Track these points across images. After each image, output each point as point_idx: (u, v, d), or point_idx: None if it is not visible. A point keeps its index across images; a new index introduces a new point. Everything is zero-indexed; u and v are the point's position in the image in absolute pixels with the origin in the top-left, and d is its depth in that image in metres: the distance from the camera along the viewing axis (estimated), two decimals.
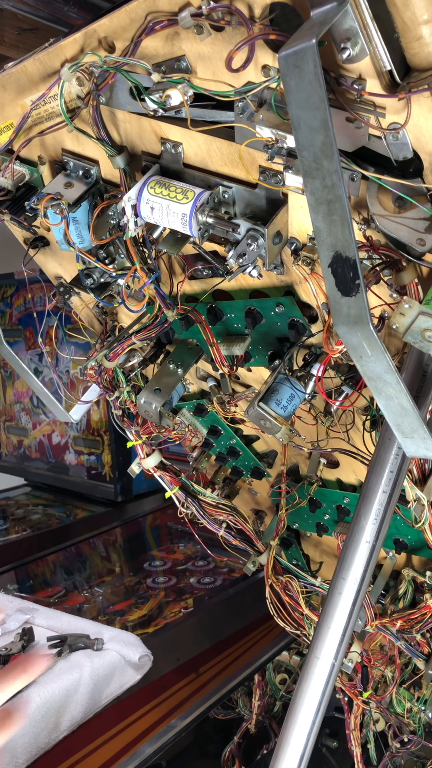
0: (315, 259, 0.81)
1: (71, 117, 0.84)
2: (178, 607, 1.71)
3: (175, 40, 0.74)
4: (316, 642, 0.83)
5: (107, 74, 0.79)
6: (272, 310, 0.92)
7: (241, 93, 0.72)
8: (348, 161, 0.70)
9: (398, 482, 0.82)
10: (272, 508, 1.26)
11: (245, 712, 1.86)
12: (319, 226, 0.62)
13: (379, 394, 0.69)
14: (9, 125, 0.94)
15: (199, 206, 0.79)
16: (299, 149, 0.60)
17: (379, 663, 1.21)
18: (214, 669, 1.57)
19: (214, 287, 0.96)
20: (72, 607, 1.73)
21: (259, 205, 0.81)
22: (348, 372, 0.91)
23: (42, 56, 0.84)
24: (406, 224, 0.71)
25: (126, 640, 1.42)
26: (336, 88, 0.66)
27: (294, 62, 0.56)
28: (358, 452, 1.00)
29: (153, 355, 1.08)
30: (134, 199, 0.83)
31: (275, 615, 1.17)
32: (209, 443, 1.19)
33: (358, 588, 0.82)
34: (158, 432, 1.14)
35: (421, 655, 1.11)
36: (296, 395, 0.92)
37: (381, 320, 0.83)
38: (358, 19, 0.60)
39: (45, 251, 1.09)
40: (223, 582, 1.84)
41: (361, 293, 0.63)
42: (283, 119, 0.71)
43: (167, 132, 0.83)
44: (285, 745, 0.83)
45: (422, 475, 0.93)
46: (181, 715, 1.44)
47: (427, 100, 0.64)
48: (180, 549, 2.12)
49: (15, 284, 2.84)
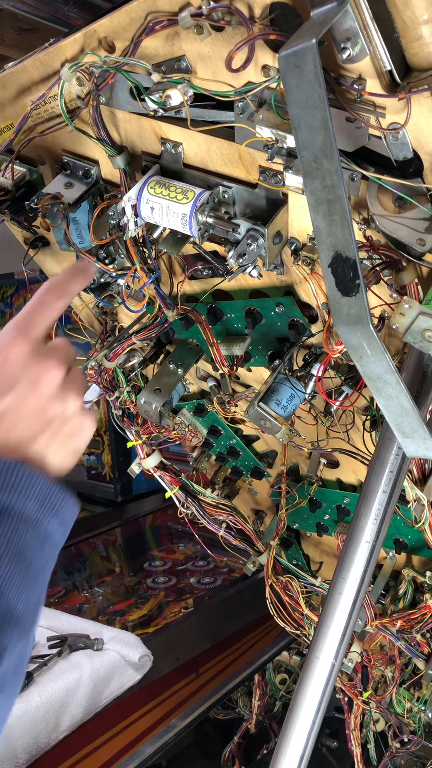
0: (315, 259, 0.81)
1: (71, 117, 0.84)
2: (178, 607, 1.71)
3: (175, 40, 0.74)
4: (316, 642, 0.83)
5: (107, 74, 0.79)
6: (272, 310, 0.92)
7: (241, 93, 0.72)
8: (348, 161, 0.70)
9: (398, 482, 0.82)
10: (272, 508, 1.26)
11: (245, 712, 1.86)
12: (319, 226, 0.62)
13: (379, 394, 0.69)
14: (9, 125, 0.94)
15: (199, 206, 0.79)
16: (299, 149, 0.60)
17: (379, 663, 1.21)
18: (214, 669, 1.57)
19: (214, 287, 0.96)
20: (72, 607, 1.73)
21: (259, 205, 0.81)
22: (348, 372, 0.91)
23: (42, 56, 0.84)
24: (406, 224, 0.71)
25: (126, 640, 1.42)
26: (336, 88, 0.66)
27: (294, 62, 0.57)
28: (358, 452, 1.00)
29: (153, 355, 1.08)
30: (134, 199, 0.83)
31: (275, 615, 1.17)
32: (209, 443, 1.19)
33: (358, 588, 0.82)
34: (158, 432, 1.14)
35: (421, 655, 1.11)
36: (296, 395, 0.92)
37: (381, 320, 0.83)
38: (358, 19, 0.60)
39: (45, 251, 1.09)
40: (223, 582, 1.84)
41: (361, 293, 0.63)
42: (283, 119, 0.71)
43: (167, 132, 0.83)
44: (285, 745, 0.83)
45: (422, 475, 0.93)
46: (181, 715, 1.44)
47: (427, 100, 0.64)
48: (180, 549, 2.12)
49: (15, 284, 2.84)
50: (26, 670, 0.74)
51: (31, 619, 0.53)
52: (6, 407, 0.56)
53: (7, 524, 0.52)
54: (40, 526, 0.54)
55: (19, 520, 0.52)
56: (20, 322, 0.59)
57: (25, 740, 1.19)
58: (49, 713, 1.23)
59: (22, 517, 0.53)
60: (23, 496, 0.53)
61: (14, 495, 0.52)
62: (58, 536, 0.56)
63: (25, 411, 0.56)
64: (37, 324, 0.59)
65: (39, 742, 1.22)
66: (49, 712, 1.24)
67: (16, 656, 0.51)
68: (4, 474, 0.52)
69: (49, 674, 1.29)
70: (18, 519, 0.52)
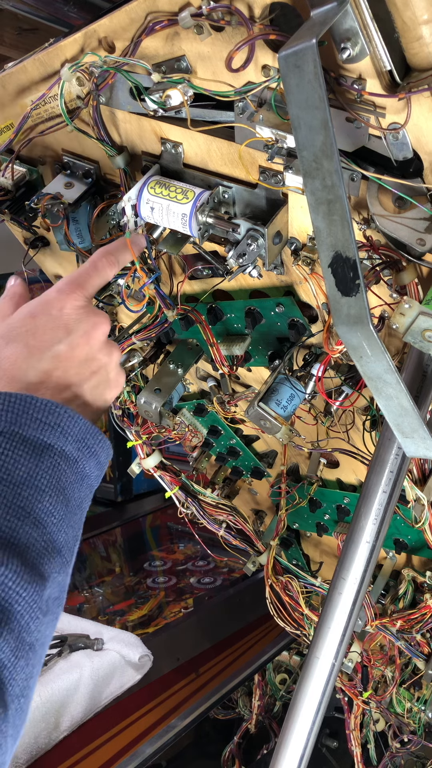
0: (315, 259, 0.81)
1: (71, 117, 0.84)
2: (178, 607, 1.72)
3: (175, 40, 0.74)
4: (316, 642, 0.83)
5: (107, 74, 0.79)
6: (272, 310, 0.92)
7: (241, 93, 0.72)
8: (348, 161, 0.70)
9: (398, 482, 0.82)
10: (272, 508, 1.26)
11: (245, 712, 1.86)
12: (319, 226, 0.62)
13: (379, 394, 0.69)
14: (9, 125, 0.94)
15: (199, 206, 0.79)
16: (299, 149, 0.60)
17: (379, 663, 1.21)
18: (214, 669, 1.58)
19: (214, 287, 0.96)
20: (72, 607, 1.73)
21: (259, 205, 0.81)
22: (348, 372, 0.91)
23: (42, 56, 0.84)
24: (406, 224, 0.71)
25: (126, 640, 1.42)
26: (336, 88, 0.66)
27: (294, 62, 0.57)
28: (358, 452, 1.00)
29: (153, 355, 1.08)
30: (134, 199, 0.83)
31: (275, 615, 1.17)
32: (209, 443, 1.19)
33: (358, 588, 0.82)
34: (158, 432, 1.14)
35: (421, 655, 1.11)
36: (296, 395, 0.92)
37: (381, 320, 0.83)
38: (358, 19, 0.60)
39: (45, 251, 1.09)
40: (223, 582, 1.85)
41: (361, 293, 0.63)
42: (283, 119, 0.71)
43: (167, 132, 0.83)
44: (285, 745, 0.83)
45: (422, 475, 0.93)
46: (181, 715, 1.44)
47: (427, 100, 0.64)
48: (180, 549, 2.12)
49: None
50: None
51: (70, 553, 0.55)
52: (60, 352, 0.60)
53: (50, 461, 0.55)
54: (79, 465, 0.57)
55: (60, 457, 0.55)
56: (75, 279, 0.65)
57: (25, 740, 1.19)
58: (49, 713, 1.23)
59: (63, 455, 0.55)
60: (64, 435, 0.56)
61: (56, 434, 0.55)
62: (94, 477, 0.59)
63: (76, 358, 0.61)
64: (90, 284, 0.65)
65: (39, 742, 1.22)
66: (49, 712, 1.24)
67: (57, 586, 0.53)
68: (47, 413, 0.55)
69: (49, 674, 1.29)
70: (59, 457, 0.55)
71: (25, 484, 0.53)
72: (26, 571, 0.50)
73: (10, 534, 0.51)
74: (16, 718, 0.49)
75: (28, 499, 0.52)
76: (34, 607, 0.50)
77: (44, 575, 0.51)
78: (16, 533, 0.51)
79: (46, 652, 0.54)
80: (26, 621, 0.50)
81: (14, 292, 0.67)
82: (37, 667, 0.51)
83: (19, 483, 0.52)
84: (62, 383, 0.60)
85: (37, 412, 0.55)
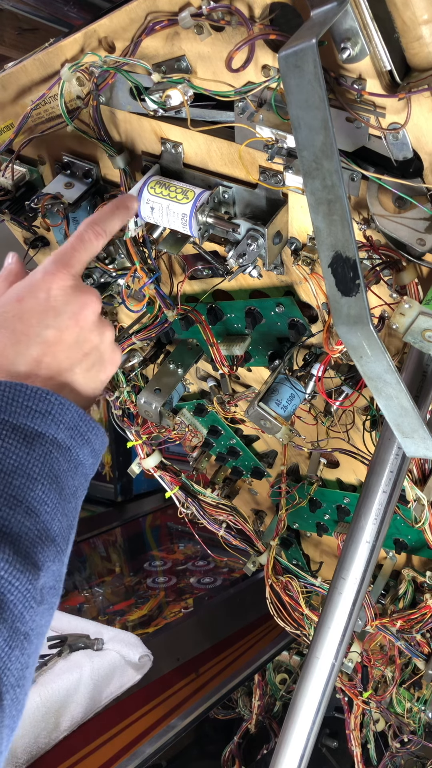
0: (315, 259, 0.81)
1: (71, 117, 0.84)
2: (178, 607, 1.72)
3: (175, 40, 0.74)
4: (316, 642, 0.83)
5: (107, 74, 0.79)
6: (272, 310, 0.92)
7: (241, 93, 0.72)
8: (348, 161, 0.70)
9: (398, 482, 0.82)
10: (272, 508, 1.26)
11: (245, 712, 1.86)
12: (319, 226, 0.62)
13: (379, 394, 0.69)
14: (9, 125, 0.94)
15: (199, 206, 0.79)
16: (299, 149, 0.60)
17: (379, 663, 1.21)
18: (214, 669, 1.57)
19: (214, 287, 0.96)
20: (72, 607, 1.73)
21: (259, 205, 0.81)
22: (348, 372, 0.91)
23: (42, 56, 0.84)
24: (406, 224, 0.71)
25: (126, 640, 1.42)
26: (336, 88, 0.66)
27: (294, 62, 0.57)
28: (358, 452, 1.00)
29: (153, 355, 1.08)
30: None
31: (275, 615, 1.17)
32: (209, 443, 1.19)
33: (358, 588, 0.82)
34: (158, 432, 1.14)
35: (421, 655, 1.11)
36: (296, 395, 0.92)
37: (381, 320, 0.83)
38: (358, 19, 0.60)
39: (45, 251, 1.09)
40: (223, 582, 1.84)
41: (361, 293, 0.63)
42: (283, 119, 0.71)
43: (167, 132, 0.83)
44: (285, 745, 0.83)
45: (422, 475, 0.93)
46: (181, 715, 1.44)
47: (427, 100, 0.64)
48: (180, 549, 2.12)
49: None
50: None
51: (65, 542, 0.54)
52: (49, 337, 0.58)
53: (42, 449, 0.54)
54: (72, 453, 0.56)
55: (52, 445, 0.54)
56: (61, 257, 0.62)
57: (25, 740, 1.19)
58: (49, 713, 1.23)
59: (55, 442, 0.54)
60: (56, 423, 0.55)
61: (48, 422, 0.54)
62: (89, 465, 0.58)
63: (66, 341, 0.59)
64: (77, 260, 0.63)
65: (39, 742, 1.22)
66: (49, 712, 1.24)
67: (52, 575, 0.53)
68: (37, 401, 0.54)
69: (49, 674, 1.29)
70: (51, 444, 0.54)
71: (17, 473, 0.52)
72: (19, 560, 0.49)
73: (1, 523, 0.50)
74: (12, 709, 0.48)
75: (20, 487, 0.52)
76: (28, 597, 0.49)
77: (38, 564, 0.51)
78: (8, 522, 0.50)
79: (42, 641, 0.53)
80: (20, 610, 0.49)
81: (10, 270, 0.66)
82: (33, 656, 0.51)
83: (10, 471, 0.51)
84: (53, 369, 0.58)
85: (28, 399, 0.54)
